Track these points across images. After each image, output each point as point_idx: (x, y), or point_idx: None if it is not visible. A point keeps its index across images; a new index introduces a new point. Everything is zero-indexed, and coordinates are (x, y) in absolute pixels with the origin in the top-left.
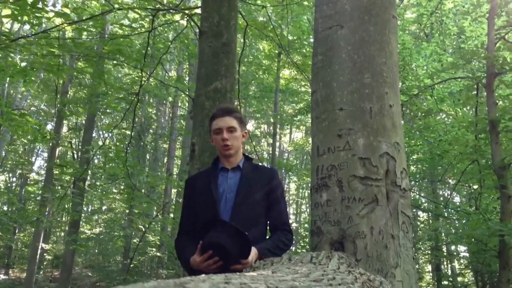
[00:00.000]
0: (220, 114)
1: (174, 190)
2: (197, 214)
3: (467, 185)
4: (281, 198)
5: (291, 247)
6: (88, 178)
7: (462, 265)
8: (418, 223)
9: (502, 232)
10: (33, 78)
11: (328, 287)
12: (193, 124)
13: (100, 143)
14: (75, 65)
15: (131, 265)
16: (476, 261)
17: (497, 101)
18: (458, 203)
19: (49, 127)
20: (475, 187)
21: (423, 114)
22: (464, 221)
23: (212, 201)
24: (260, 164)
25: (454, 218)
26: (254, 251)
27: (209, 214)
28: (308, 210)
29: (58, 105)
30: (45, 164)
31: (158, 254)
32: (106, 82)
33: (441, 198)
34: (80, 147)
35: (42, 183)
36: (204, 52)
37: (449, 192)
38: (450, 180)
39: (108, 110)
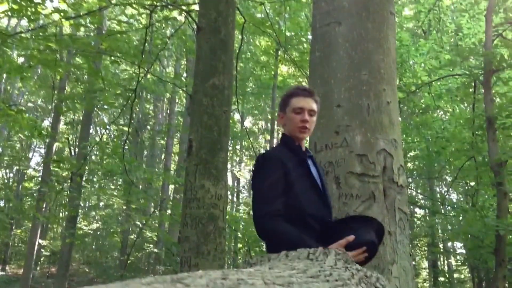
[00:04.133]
0: (304, 94)
1: (171, 187)
2: (297, 198)
3: (463, 182)
4: None
5: None
6: (86, 173)
7: (459, 261)
8: (415, 219)
9: (498, 228)
10: (29, 75)
11: (325, 283)
12: (191, 120)
13: (98, 139)
14: (72, 61)
15: (128, 261)
16: (472, 258)
17: (494, 98)
18: (454, 200)
19: (46, 123)
20: (472, 184)
21: (420, 111)
22: (460, 218)
23: (317, 188)
24: None
25: (451, 215)
26: None
27: (315, 203)
28: None
29: (55, 101)
30: (42, 160)
31: (155, 250)
32: (104, 78)
33: (438, 195)
34: (77, 143)
35: (39, 179)
36: (202, 48)
37: (446, 189)
38: (447, 177)
39: (105, 106)
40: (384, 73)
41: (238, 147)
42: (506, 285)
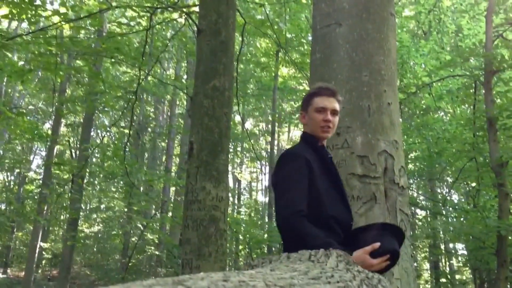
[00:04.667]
0: (327, 93)
1: (172, 189)
2: (320, 198)
3: (465, 183)
4: None
5: None
6: (87, 176)
7: (460, 262)
8: (416, 221)
9: (500, 229)
10: (30, 77)
11: (327, 285)
12: (192, 122)
13: (98, 141)
14: (73, 64)
15: (130, 264)
16: (474, 259)
17: (495, 99)
18: (456, 201)
19: (47, 125)
20: (473, 184)
21: (421, 112)
22: (462, 219)
23: (338, 190)
24: None
25: (452, 216)
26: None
27: (337, 205)
28: None
29: (56, 104)
30: (43, 163)
31: (157, 252)
32: (104, 80)
33: (439, 196)
34: (78, 145)
35: (40, 181)
36: (202, 50)
37: (447, 190)
38: (448, 178)
39: (106, 109)
40: (384, 74)
41: (239, 149)
42: (508, 286)
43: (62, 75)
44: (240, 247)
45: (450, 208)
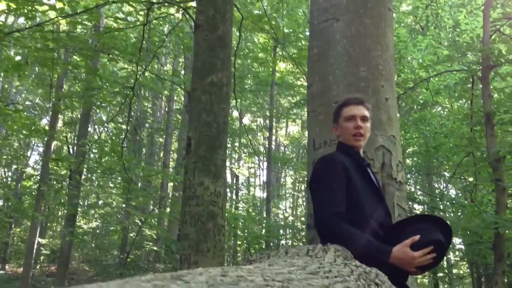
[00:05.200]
0: (355, 102)
1: (170, 184)
2: (359, 202)
3: (462, 177)
4: None
5: None
6: (84, 171)
7: (458, 257)
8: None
9: (497, 224)
10: (27, 73)
11: (325, 280)
12: (189, 118)
13: (96, 137)
14: (70, 59)
15: (128, 259)
16: (471, 253)
17: (493, 94)
18: (453, 196)
19: (44, 121)
20: (470, 179)
21: (418, 107)
22: (459, 214)
23: (377, 194)
24: None
25: (450, 210)
26: None
27: (377, 209)
28: (304, 203)
29: (53, 100)
30: (41, 159)
31: (155, 248)
32: (101, 76)
33: (437, 191)
34: (75, 141)
35: (38, 177)
36: (199, 45)
37: (444, 184)
38: (445, 173)
39: (103, 104)
40: (382, 69)
41: (236, 144)
42: (506, 280)
43: (59, 70)
44: (239, 242)
45: (448, 203)
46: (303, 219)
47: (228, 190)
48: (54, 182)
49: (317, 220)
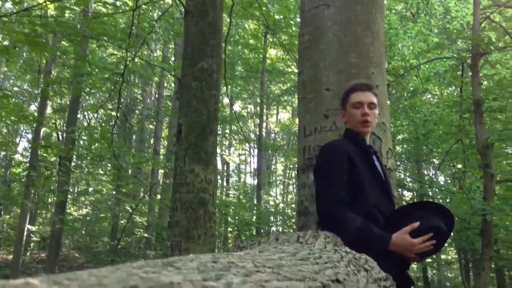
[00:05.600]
0: (362, 88)
1: (161, 171)
2: (362, 189)
3: (451, 164)
4: None
5: None
6: (74, 158)
7: (446, 243)
8: (404, 202)
9: (485, 211)
10: (15, 58)
11: (315, 266)
12: (180, 104)
13: (85, 124)
14: (58, 45)
15: (119, 246)
16: (459, 239)
17: (482, 81)
18: (442, 183)
19: (33, 108)
20: (459, 166)
21: (409, 94)
22: (448, 200)
23: (381, 182)
24: None
25: (438, 197)
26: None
27: (380, 196)
28: (295, 190)
29: (42, 86)
30: (30, 145)
31: (146, 235)
32: (90, 62)
33: (426, 178)
34: (65, 128)
35: (27, 164)
36: (189, 31)
37: (433, 171)
38: (434, 160)
39: (93, 91)
40: (373, 56)
41: (227, 131)
42: (493, 265)
43: (47, 56)
44: (229, 229)
45: (437, 190)
46: (293, 206)
47: (218, 177)
48: (44, 169)
49: (319, 207)
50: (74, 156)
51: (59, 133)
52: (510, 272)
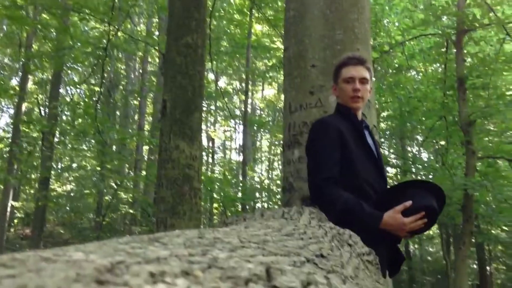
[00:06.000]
0: (353, 62)
1: (145, 147)
2: (353, 165)
3: (434, 141)
4: None
5: None
6: (57, 134)
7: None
8: (387, 179)
9: (466, 186)
10: None
11: (299, 241)
12: (164, 80)
13: (68, 99)
14: (38, 18)
15: (104, 222)
16: (441, 215)
17: (466, 58)
18: (425, 159)
19: (14, 82)
20: (442, 143)
21: (393, 71)
22: (430, 176)
23: (372, 158)
24: None
25: (421, 173)
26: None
27: (371, 172)
28: (280, 167)
29: (23, 60)
30: (12, 121)
31: (131, 211)
32: (72, 35)
33: (410, 154)
34: (47, 103)
35: (9, 140)
36: (174, 5)
37: (417, 148)
38: (418, 137)
39: (75, 66)
40: (358, 32)
41: (212, 107)
42: (473, 240)
43: (28, 29)
44: (215, 205)
45: (420, 166)
46: (278, 182)
47: (204, 153)
48: (26, 145)
49: (310, 185)
50: (57, 132)
51: (42, 108)
52: (490, 246)
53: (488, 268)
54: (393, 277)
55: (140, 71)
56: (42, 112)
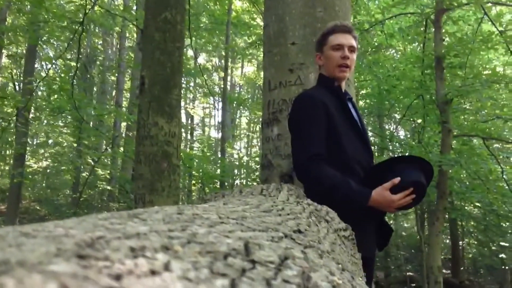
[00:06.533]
0: (342, 30)
1: (123, 124)
2: (339, 140)
3: (411, 119)
4: None
5: None
6: (32, 110)
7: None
8: None
9: (441, 162)
10: None
11: (277, 217)
12: (142, 56)
13: (43, 74)
14: None
15: (81, 199)
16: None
17: (444, 38)
18: (402, 137)
19: None
20: (419, 121)
21: (373, 50)
22: (407, 154)
23: (358, 131)
24: None
25: (398, 151)
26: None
27: (357, 146)
28: (259, 144)
29: None
30: None
31: (109, 187)
32: (47, 9)
33: (387, 132)
34: (22, 78)
35: None
36: None
37: (394, 126)
38: (396, 115)
39: (51, 40)
40: (338, 10)
41: (191, 84)
42: (446, 216)
43: (1, 2)
44: (193, 182)
45: (397, 144)
46: (257, 159)
47: (183, 130)
48: (0, 121)
49: (295, 162)
50: (33, 108)
51: (16, 83)
52: (463, 222)
53: (460, 243)
54: (382, 250)
55: (118, 46)
56: (17, 87)
